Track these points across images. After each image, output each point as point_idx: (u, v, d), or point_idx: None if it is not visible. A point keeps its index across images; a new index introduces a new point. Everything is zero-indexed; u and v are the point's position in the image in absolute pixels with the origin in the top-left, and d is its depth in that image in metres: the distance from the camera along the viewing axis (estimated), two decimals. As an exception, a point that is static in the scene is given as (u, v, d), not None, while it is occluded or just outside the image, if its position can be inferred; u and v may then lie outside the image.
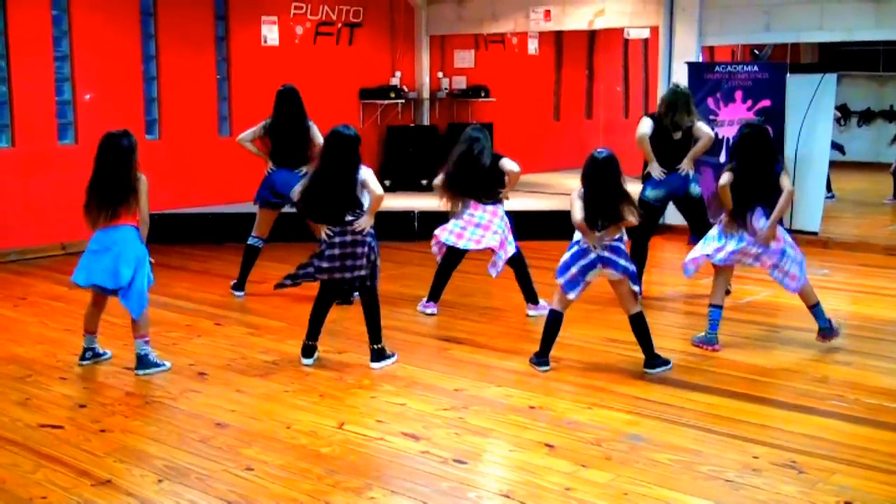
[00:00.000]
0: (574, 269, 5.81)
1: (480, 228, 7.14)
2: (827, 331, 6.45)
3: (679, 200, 7.81)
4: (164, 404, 5.37)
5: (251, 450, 4.65)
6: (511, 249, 7.20)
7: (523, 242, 7.53)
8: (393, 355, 6.15)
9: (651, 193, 7.69)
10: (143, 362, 5.89)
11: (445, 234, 7.22)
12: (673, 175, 7.60)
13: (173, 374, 5.86)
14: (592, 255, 5.75)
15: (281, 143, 7.76)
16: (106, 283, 5.80)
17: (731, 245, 6.29)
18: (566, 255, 5.87)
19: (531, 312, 7.30)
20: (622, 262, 5.74)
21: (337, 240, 5.91)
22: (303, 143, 7.72)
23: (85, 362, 6.04)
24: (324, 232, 5.95)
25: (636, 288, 5.85)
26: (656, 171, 7.59)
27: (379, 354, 6.08)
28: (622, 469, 4.42)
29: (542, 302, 7.24)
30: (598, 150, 5.78)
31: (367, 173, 5.94)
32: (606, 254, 5.73)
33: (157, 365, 5.92)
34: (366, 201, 5.92)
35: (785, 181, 6.26)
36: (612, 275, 5.80)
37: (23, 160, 9.67)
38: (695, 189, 7.68)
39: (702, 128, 7.57)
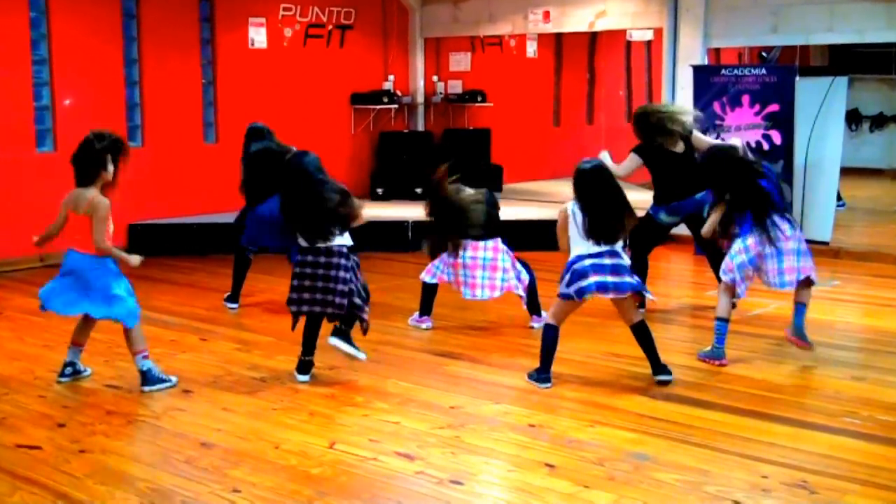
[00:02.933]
0: (583, 283, 5.66)
1: (488, 270, 6.98)
2: (800, 332, 6.31)
3: (691, 218, 7.55)
4: (147, 423, 5.31)
5: (238, 471, 4.57)
6: (526, 278, 7.08)
7: (522, 253, 7.43)
8: (360, 352, 5.98)
9: (666, 219, 7.54)
10: (147, 378, 5.76)
11: (460, 287, 7.05)
12: (689, 201, 7.39)
13: (156, 392, 5.76)
14: (597, 280, 5.61)
15: (258, 179, 7.59)
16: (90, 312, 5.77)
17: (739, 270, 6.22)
18: (571, 272, 5.72)
19: (535, 325, 7.14)
20: (628, 279, 5.69)
21: (308, 270, 5.79)
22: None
23: (64, 379, 5.92)
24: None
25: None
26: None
27: (344, 335, 5.92)
28: (626, 490, 4.33)
29: (544, 314, 7.08)
30: (585, 161, 5.82)
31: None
32: (611, 279, 5.64)
33: (161, 380, 5.79)
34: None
35: None
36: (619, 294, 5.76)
37: (-1, 168, 9.51)
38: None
39: (701, 140, 7.37)
